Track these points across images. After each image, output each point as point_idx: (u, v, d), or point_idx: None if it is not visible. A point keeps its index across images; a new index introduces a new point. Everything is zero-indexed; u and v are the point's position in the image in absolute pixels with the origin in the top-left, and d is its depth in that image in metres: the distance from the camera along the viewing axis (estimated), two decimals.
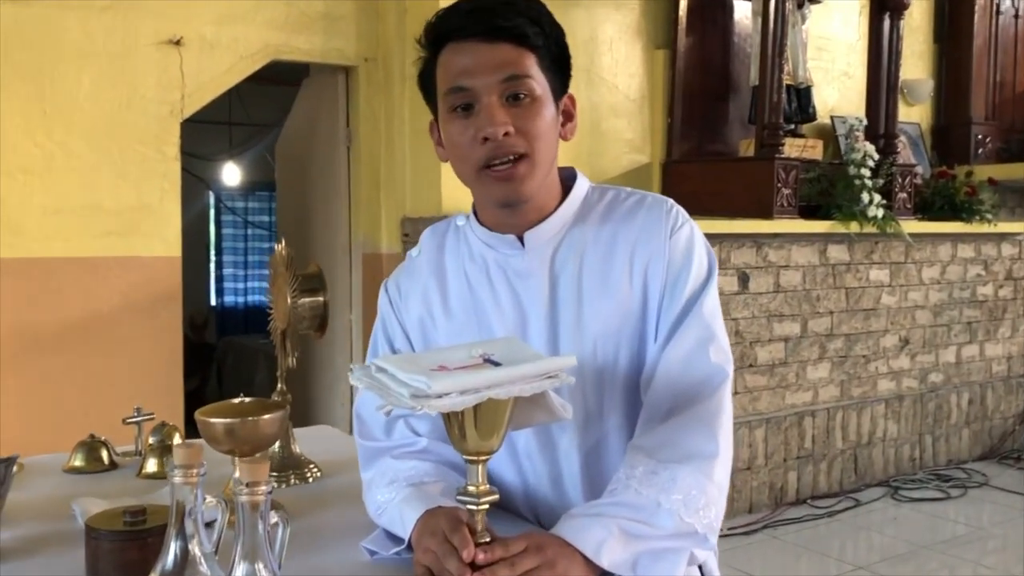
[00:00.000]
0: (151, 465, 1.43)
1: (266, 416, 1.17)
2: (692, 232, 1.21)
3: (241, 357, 6.90)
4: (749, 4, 4.31)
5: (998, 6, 5.51)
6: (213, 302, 8.25)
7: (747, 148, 4.22)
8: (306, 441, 1.55)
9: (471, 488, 0.95)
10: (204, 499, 0.88)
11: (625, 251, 1.19)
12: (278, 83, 5.12)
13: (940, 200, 4.57)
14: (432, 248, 1.31)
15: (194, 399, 3.84)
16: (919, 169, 4.78)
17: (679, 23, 4.29)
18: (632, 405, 1.19)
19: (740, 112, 4.46)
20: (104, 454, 1.50)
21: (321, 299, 1.36)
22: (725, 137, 4.48)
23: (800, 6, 4.37)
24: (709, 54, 4.42)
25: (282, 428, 1.23)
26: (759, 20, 4.12)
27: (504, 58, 1.13)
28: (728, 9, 4.49)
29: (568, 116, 1.22)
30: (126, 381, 3.35)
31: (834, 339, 4.26)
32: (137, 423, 1.52)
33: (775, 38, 3.98)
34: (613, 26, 4.21)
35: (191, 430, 3.48)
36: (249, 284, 8.36)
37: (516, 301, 1.21)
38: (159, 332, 3.47)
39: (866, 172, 4.08)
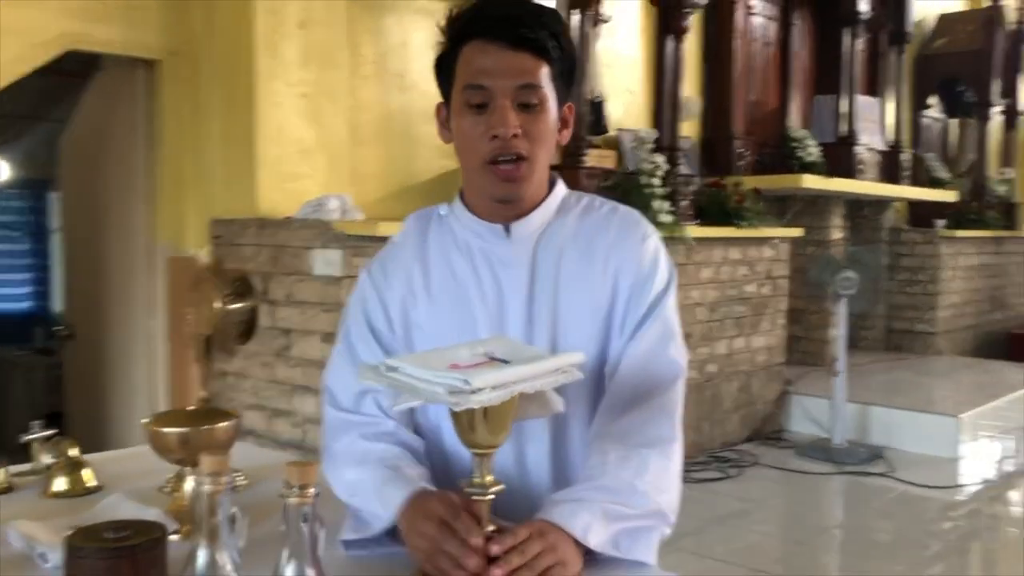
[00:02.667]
0: (59, 484, 1.33)
1: (222, 424, 1.16)
2: (657, 243, 1.35)
3: None
4: None
5: (753, 34, 6.15)
6: None
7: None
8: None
9: (477, 480, 1.01)
10: (232, 508, 0.88)
11: (601, 252, 1.30)
12: (58, 74, 4.71)
13: (714, 207, 5.03)
14: (416, 234, 1.37)
15: None
16: (695, 179, 5.24)
17: None
18: (595, 396, 1.29)
19: None
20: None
21: (250, 304, 1.34)
22: None
23: (595, 24, 4.66)
24: None
25: (236, 436, 1.21)
26: None
27: (523, 66, 1.22)
28: None
29: (565, 123, 1.31)
30: None
31: None
32: (37, 440, 1.40)
33: (580, 53, 4.23)
34: (424, 33, 4.28)
35: None
36: (1, 291, 7.58)
37: (497, 288, 1.29)
38: None
39: (656, 182, 4.44)
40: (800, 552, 3.86)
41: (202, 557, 0.86)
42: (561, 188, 1.36)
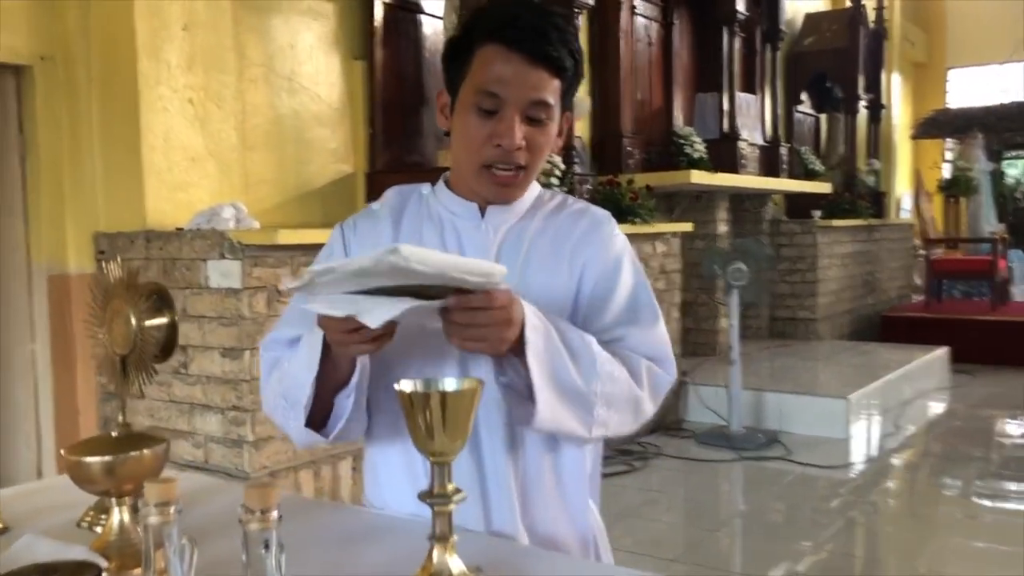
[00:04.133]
0: None
1: (149, 450, 1.08)
2: (624, 241, 1.38)
3: None
4: (440, 21, 4.51)
5: (636, 34, 6.27)
6: None
7: (444, 159, 4.41)
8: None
9: (438, 490, 0.97)
10: (182, 539, 0.81)
11: (568, 246, 1.33)
12: None
13: (609, 205, 5.09)
14: (394, 204, 1.39)
15: None
16: (589, 178, 5.30)
17: (374, 35, 4.37)
18: None
19: (433, 124, 4.64)
20: None
21: (168, 319, 1.26)
22: (422, 148, 4.64)
23: None
24: (404, 67, 4.55)
25: (164, 462, 1.13)
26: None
27: (539, 82, 1.24)
28: (418, 24, 4.65)
29: (561, 131, 1.34)
30: None
31: None
32: None
33: None
34: (311, 35, 4.18)
35: None
36: None
37: None
38: None
39: (555, 181, 4.46)
40: (707, 539, 3.95)
41: None
42: (536, 185, 1.40)
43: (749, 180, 6.79)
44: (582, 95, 5.79)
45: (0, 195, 3.65)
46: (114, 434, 1.12)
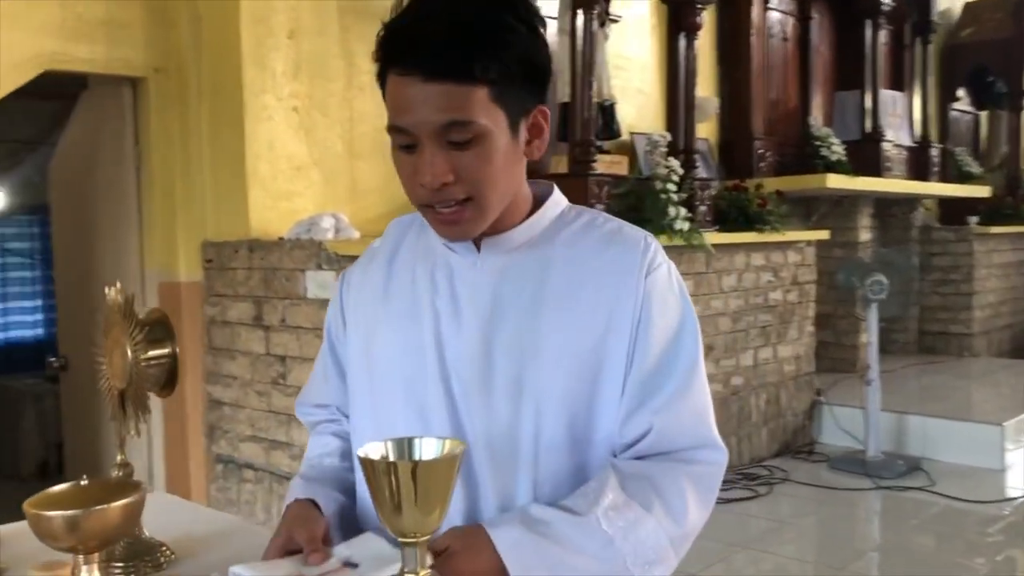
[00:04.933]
0: None
1: (117, 503, 0.96)
2: (668, 277, 1.13)
3: (3, 400, 6.17)
4: (555, 22, 4.35)
5: (770, 30, 5.92)
6: None
7: (558, 165, 4.24)
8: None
9: (409, 574, 0.80)
10: None
11: (592, 280, 1.10)
12: (44, 97, 4.59)
13: (735, 212, 4.80)
14: (393, 238, 1.24)
15: None
16: (713, 183, 5.01)
17: None
18: (569, 464, 1.08)
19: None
20: None
21: (168, 351, 1.15)
22: None
23: (603, 24, 4.46)
24: None
25: (138, 514, 1.01)
26: (566, 38, 4.16)
27: (445, 102, 0.99)
28: None
29: (538, 131, 1.09)
30: None
31: None
32: None
33: (583, 56, 4.03)
34: None
35: None
36: (10, 319, 7.49)
37: (454, 304, 1.12)
38: None
39: (672, 187, 4.21)
40: (836, 575, 3.61)
41: None
42: (555, 206, 1.17)
43: (894, 184, 6.30)
44: (708, 95, 5.50)
45: (117, 204, 3.74)
46: (83, 482, 1.00)
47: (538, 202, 1.15)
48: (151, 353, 1.13)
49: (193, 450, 3.69)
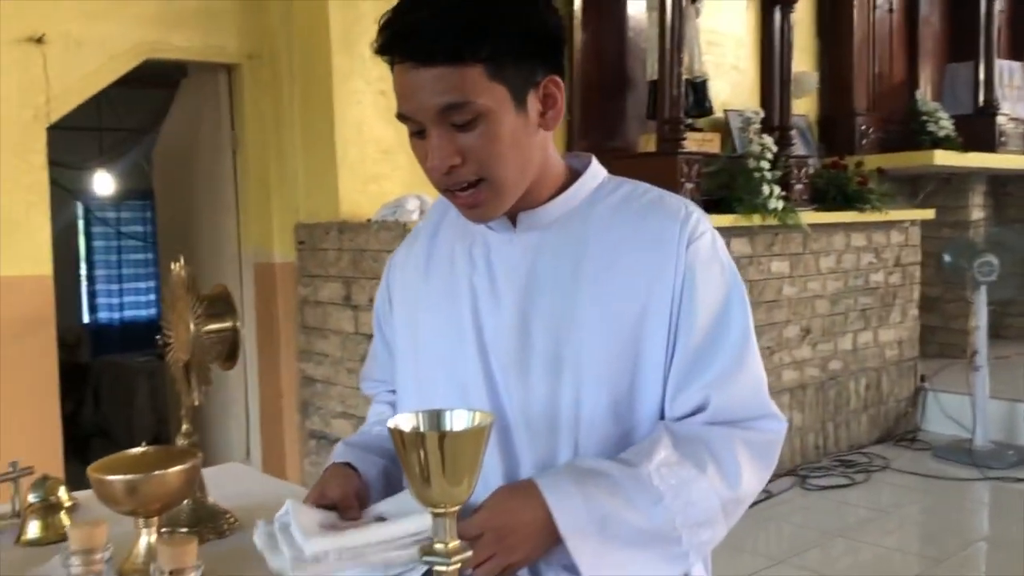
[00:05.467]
0: (33, 529, 1.21)
1: (174, 468, 0.99)
2: (713, 243, 1.10)
3: (119, 378, 6.49)
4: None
5: (874, 1, 5.67)
6: (86, 319, 7.73)
7: (647, 143, 4.18)
8: (212, 484, 1.36)
9: (439, 546, 0.80)
10: None
11: (631, 251, 1.08)
12: (152, 85, 4.79)
13: (833, 190, 4.64)
14: (435, 217, 1.24)
15: (69, 425, 3.53)
16: (811, 160, 4.85)
17: (574, 17, 4.21)
18: (611, 440, 1.06)
19: (637, 108, 4.42)
20: None
21: (230, 324, 1.18)
22: (624, 133, 4.44)
23: (693, 0, 4.35)
24: (605, 49, 4.36)
25: (194, 480, 1.04)
26: (655, 14, 4.08)
27: (441, 85, 0.99)
28: (622, 3, 4.44)
29: (552, 102, 1.07)
30: None
31: None
32: (13, 480, 1.29)
33: (672, 32, 3.95)
34: None
35: (69, 464, 3.16)
36: (125, 299, 7.87)
37: (491, 280, 1.11)
38: (31, 359, 3.14)
39: (765, 165, 4.09)
40: (938, 570, 3.46)
41: None
42: (592, 178, 1.14)
43: (1008, 160, 5.96)
44: (807, 69, 5.31)
45: (215, 188, 3.87)
46: (142, 449, 1.04)
47: (575, 175, 1.14)
48: (212, 326, 1.16)
49: (288, 426, 3.81)
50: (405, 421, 0.81)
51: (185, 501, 1.20)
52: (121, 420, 6.30)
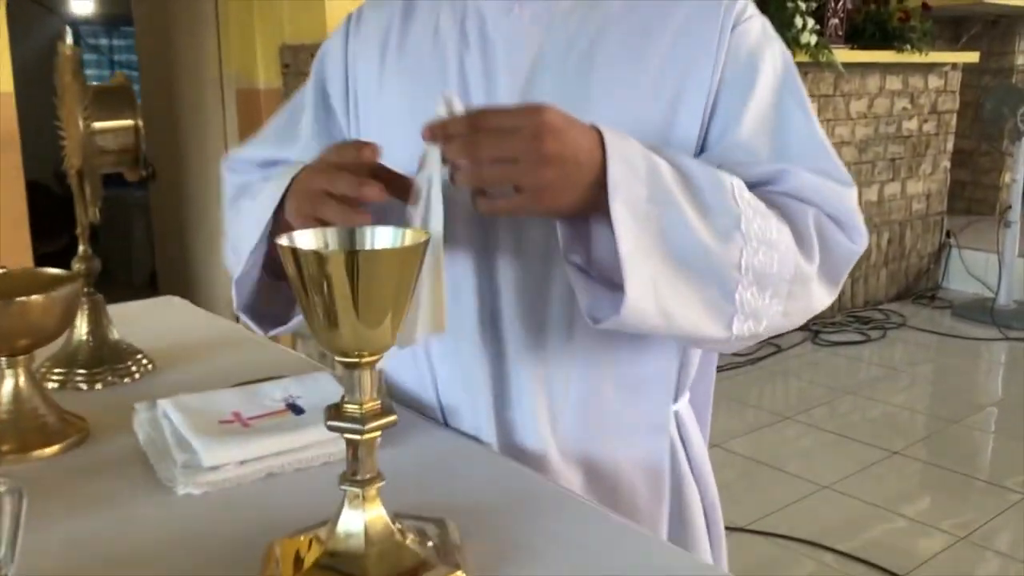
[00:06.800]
0: None
1: (37, 296, 0.77)
2: (764, 29, 0.87)
3: (115, 212, 6.29)
4: None
5: None
6: None
7: None
8: (142, 319, 1.16)
9: (350, 407, 0.59)
10: None
11: (660, 39, 0.84)
12: None
13: (872, 27, 4.25)
14: None
15: (61, 262, 3.34)
16: None
17: None
18: None
19: None
20: None
21: (130, 123, 0.94)
22: None
23: None
24: None
25: (70, 313, 0.83)
26: None
27: None
28: None
29: None
30: None
31: None
32: None
33: None
34: None
35: None
36: None
37: (485, 64, 0.87)
38: None
39: None
40: (950, 429, 3.33)
41: None
42: None
43: None
44: None
45: (194, 9, 3.54)
46: (2, 270, 0.82)
47: None
48: (106, 124, 0.92)
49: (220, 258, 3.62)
50: (303, 239, 0.58)
51: (84, 335, 0.99)
52: (119, 255, 6.17)
